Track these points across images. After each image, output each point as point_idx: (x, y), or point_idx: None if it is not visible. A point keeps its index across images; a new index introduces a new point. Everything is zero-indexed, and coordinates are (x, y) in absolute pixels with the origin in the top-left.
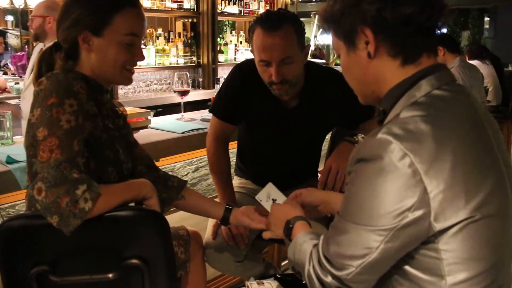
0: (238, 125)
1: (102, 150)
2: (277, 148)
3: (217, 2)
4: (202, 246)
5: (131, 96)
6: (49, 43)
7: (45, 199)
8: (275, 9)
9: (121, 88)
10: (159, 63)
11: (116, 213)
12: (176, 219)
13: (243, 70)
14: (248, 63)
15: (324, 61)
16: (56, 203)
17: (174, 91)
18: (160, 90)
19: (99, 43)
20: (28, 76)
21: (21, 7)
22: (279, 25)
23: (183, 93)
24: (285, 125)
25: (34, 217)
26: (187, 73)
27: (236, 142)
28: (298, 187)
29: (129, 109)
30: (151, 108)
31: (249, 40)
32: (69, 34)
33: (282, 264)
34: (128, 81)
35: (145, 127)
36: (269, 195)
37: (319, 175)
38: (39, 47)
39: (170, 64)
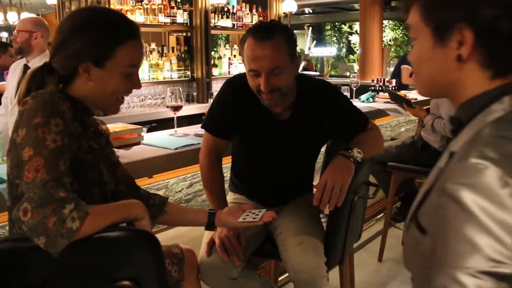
0: (231, 140)
1: (87, 171)
2: (270, 162)
3: (210, 16)
4: (196, 264)
5: (125, 111)
6: (32, 59)
7: (31, 219)
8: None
9: None
10: (153, 78)
11: (106, 234)
12: (170, 236)
13: (234, 84)
14: (240, 77)
15: (316, 73)
16: (42, 224)
17: (167, 107)
18: (155, 105)
19: (100, 74)
20: (15, 92)
21: (15, 23)
22: (270, 35)
23: (176, 108)
24: (278, 138)
25: (21, 240)
26: (180, 88)
27: (230, 157)
28: (294, 202)
29: (121, 126)
30: (145, 123)
31: (240, 51)
32: (69, 63)
33: (280, 279)
34: (117, 111)
35: (138, 143)
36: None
37: (314, 190)
38: (20, 63)
39: (164, 78)
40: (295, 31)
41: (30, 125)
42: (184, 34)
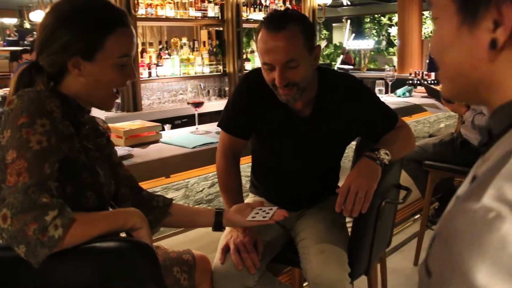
0: (248, 139)
1: (80, 173)
2: (290, 162)
3: (242, 9)
4: (210, 272)
5: (156, 107)
6: None
7: (11, 227)
8: None
9: (148, 99)
10: (184, 73)
11: (96, 244)
12: (181, 240)
13: (250, 79)
14: (256, 71)
15: (351, 66)
16: (22, 231)
17: (188, 103)
18: (186, 100)
19: (91, 68)
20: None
21: None
22: (283, 26)
23: (197, 104)
24: (298, 136)
25: (5, 249)
26: (201, 83)
27: (248, 157)
28: (316, 206)
29: (139, 123)
30: (175, 119)
31: (255, 42)
32: (57, 59)
33: (305, 285)
34: (112, 106)
35: (156, 141)
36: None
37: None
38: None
39: (196, 73)
40: (333, 25)
41: (14, 125)
42: (216, 28)
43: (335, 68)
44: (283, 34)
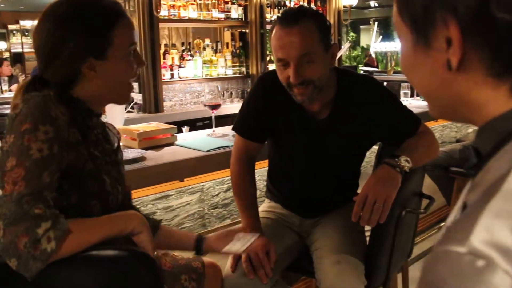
0: (263, 143)
1: (85, 182)
2: (307, 167)
3: (266, 11)
4: (220, 280)
5: (178, 108)
6: None
7: (3, 238)
8: (327, 16)
9: (170, 100)
10: (206, 74)
11: (98, 252)
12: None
13: (265, 81)
14: (272, 73)
15: (375, 68)
16: (13, 244)
17: (205, 105)
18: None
19: (106, 66)
20: None
21: None
22: (297, 20)
23: (214, 107)
24: (315, 139)
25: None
26: (219, 85)
27: (266, 161)
28: (334, 213)
29: (154, 125)
30: (197, 120)
31: (269, 41)
32: (69, 67)
33: None
34: (129, 98)
35: (171, 144)
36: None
37: None
38: None
39: (218, 75)
40: (360, 27)
41: (18, 131)
42: (239, 29)
43: (360, 71)
44: (297, 28)
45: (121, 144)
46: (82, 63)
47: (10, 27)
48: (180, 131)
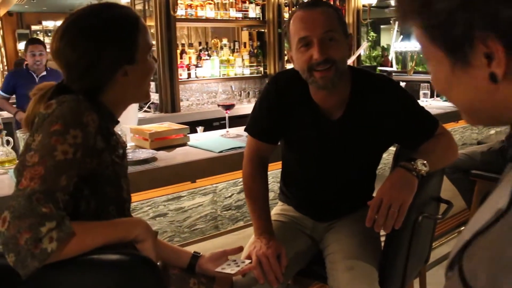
0: (276, 144)
1: (104, 188)
2: (320, 168)
3: (284, 10)
4: (230, 284)
5: (194, 108)
6: None
7: (7, 231)
8: (346, 15)
9: (187, 99)
10: (223, 74)
11: (98, 256)
12: (201, 250)
13: (278, 81)
14: (284, 73)
15: (392, 68)
16: (15, 239)
17: (218, 105)
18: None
19: (136, 70)
20: None
21: None
22: (318, 4)
23: (228, 107)
24: (329, 140)
25: (2, 256)
26: (233, 85)
27: (280, 163)
28: (348, 217)
29: (166, 125)
30: (214, 120)
31: (286, 32)
32: (105, 77)
33: None
34: (150, 94)
35: (184, 144)
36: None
37: None
38: None
39: (236, 75)
40: (381, 26)
41: (46, 131)
42: (257, 29)
43: (379, 71)
44: (319, 9)
45: (133, 144)
46: (116, 72)
47: (33, 27)
48: (195, 131)
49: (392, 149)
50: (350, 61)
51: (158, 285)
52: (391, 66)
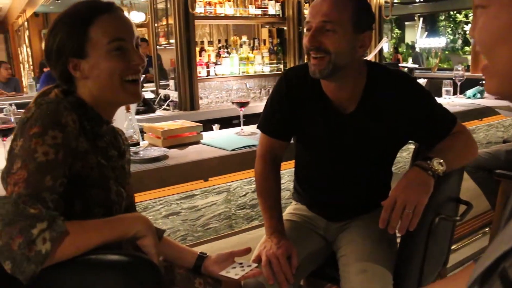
0: (288, 141)
1: (89, 190)
2: (333, 164)
3: (304, 7)
4: (239, 285)
5: (213, 106)
6: None
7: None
8: None
9: (207, 97)
10: (243, 72)
11: (96, 257)
12: (210, 251)
13: (288, 77)
14: (295, 69)
15: (416, 66)
16: (8, 245)
17: (232, 102)
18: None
19: (89, 65)
20: None
21: None
22: None
23: (242, 104)
24: (342, 135)
25: None
26: (247, 83)
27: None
28: (362, 217)
29: (179, 123)
30: (233, 118)
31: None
32: (58, 66)
33: None
34: (134, 96)
35: (197, 142)
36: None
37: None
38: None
39: (255, 72)
40: (405, 23)
41: (27, 135)
42: (277, 26)
43: (404, 68)
44: None
45: (145, 142)
46: (66, 62)
47: None
48: (211, 129)
49: (412, 146)
50: (370, 57)
51: (158, 286)
52: (427, 64)
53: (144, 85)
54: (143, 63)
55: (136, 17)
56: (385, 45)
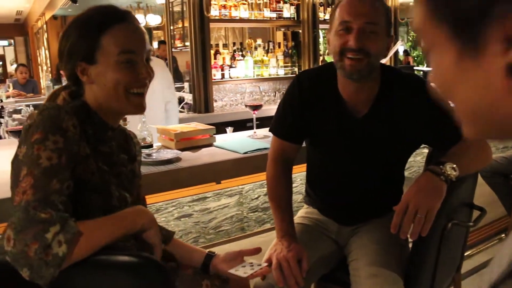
0: (300, 144)
1: (89, 196)
2: (346, 168)
3: (319, 10)
4: (248, 286)
5: (228, 109)
6: None
7: (14, 248)
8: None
9: (221, 100)
10: (257, 75)
11: (106, 257)
12: (221, 252)
13: (301, 80)
14: (307, 72)
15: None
16: (24, 253)
17: (246, 105)
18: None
19: (96, 71)
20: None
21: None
22: None
23: (256, 107)
24: (354, 137)
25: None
26: (260, 86)
27: (305, 165)
28: (373, 221)
29: (193, 125)
30: (247, 121)
31: (330, 20)
32: (67, 68)
33: None
34: (138, 108)
35: (210, 145)
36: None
37: None
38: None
39: (270, 75)
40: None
41: (29, 142)
42: (292, 29)
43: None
44: (370, 0)
45: (159, 144)
46: (75, 66)
47: None
48: (225, 131)
49: (425, 151)
50: (385, 61)
51: (166, 287)
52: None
53: None
54: (151, 78)
55: (152, 19)
56: (401, 48)
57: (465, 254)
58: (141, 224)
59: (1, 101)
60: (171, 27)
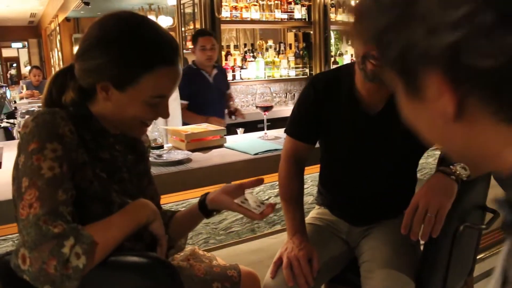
0: (313, 144)
1: (90, 203)
2: (357, 166)
3: (330, 11)
4: (257, 279)
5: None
6: None
7: (31, 267)
8: None
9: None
10: (268, 76)
11: (116, 258)
12: (232, 254)
13: (315, 83)
14: (322, 75)
15: None
16: (43, 271)
17: (256, 106)
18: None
19: (119, 97)
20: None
21: None
22: None
23: (266, 108)
24: (369, 135)
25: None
26: (271, 87)
27: (317, 166)
28: (385, 222)
29: (203, 126)
30: (258, 122)
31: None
32: (87, 77)
33: None
34: (140, 135)
35: (220, 146)
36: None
37: None
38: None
39: (281, 76)
40: None
41: (26, 152)
42: (303, 30)
43: None
44: None
45: (169, 145)
46: (98, 81)
47: None
48: (236, 132)
49: (437, 152)
50: None
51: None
52: None
53: None
54: (168, 117)
55: (163, 21)
56: None
57: (478, 257)
58: (146, 218)
59: (15, 102)
60: (183, 29)
